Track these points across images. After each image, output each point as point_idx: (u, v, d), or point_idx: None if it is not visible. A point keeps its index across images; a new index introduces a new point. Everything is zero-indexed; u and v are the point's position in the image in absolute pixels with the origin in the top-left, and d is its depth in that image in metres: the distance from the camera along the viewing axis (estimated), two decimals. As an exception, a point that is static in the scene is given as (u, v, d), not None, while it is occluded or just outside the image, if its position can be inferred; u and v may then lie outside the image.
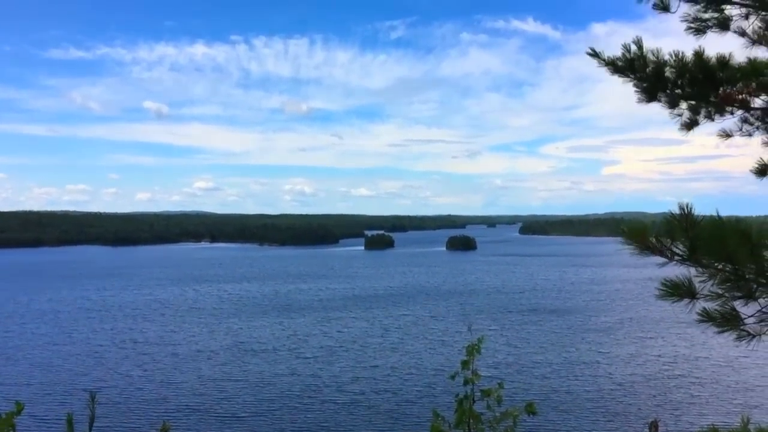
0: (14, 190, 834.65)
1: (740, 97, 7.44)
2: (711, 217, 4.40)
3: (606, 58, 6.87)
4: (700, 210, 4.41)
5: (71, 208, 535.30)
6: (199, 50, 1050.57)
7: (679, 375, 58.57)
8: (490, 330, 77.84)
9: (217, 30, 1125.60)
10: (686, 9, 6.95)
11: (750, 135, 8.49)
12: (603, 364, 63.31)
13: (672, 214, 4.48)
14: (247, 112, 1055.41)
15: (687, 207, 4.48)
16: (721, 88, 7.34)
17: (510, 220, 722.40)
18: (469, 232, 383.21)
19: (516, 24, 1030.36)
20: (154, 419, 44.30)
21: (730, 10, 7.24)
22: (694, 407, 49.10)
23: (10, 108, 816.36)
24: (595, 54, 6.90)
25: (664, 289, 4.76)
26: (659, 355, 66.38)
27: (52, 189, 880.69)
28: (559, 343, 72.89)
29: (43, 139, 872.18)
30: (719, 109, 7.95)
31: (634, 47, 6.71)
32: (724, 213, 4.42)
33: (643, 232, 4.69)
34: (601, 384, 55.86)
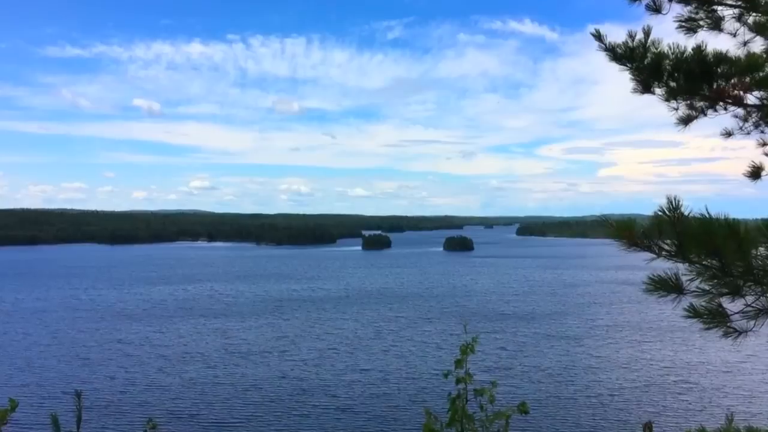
0: (10, 188, 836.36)
1: (734, 92, 7.31)
2: (700, 213, 4.33)
3: (607, 43, 6.90)
4: (695, 212, 4.36)
5: (68, 206, 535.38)
6: (196, 49, 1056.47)
7: (676, 380, 58.16)
8: (484, 333, 77.43)
9: (213, 29, 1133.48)
10: (678, 10, 7.07)
11: (748, 133, 8.47)
12: (597, 368, 63.05)
13: (660, 208, 4.41)
14: (243, 111, 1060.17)
15: (675, 200, 4.41)
16: (716, 83, 7.25)
17: (507, 221, 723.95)
18: (466, 232, 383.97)
19: (513, 25, 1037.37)
20: (137, 424, 43.68)
21: (723, 11, 7.26)
22: (691, 414, 48.78)
23: (7, 105, 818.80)
24: (598, 36, 6.91)
25: (651, 283, 4.75)
26: (656, 360, 66.07)
27: (48, 187, 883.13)
28: (553, 347, 72.68)
29: (39, 136, 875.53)
30: (713, 104, 7.84)
31: (639, 34, 6.66)
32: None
33: (631, 228, 4.63)
34: (595, 389, 55.59)
